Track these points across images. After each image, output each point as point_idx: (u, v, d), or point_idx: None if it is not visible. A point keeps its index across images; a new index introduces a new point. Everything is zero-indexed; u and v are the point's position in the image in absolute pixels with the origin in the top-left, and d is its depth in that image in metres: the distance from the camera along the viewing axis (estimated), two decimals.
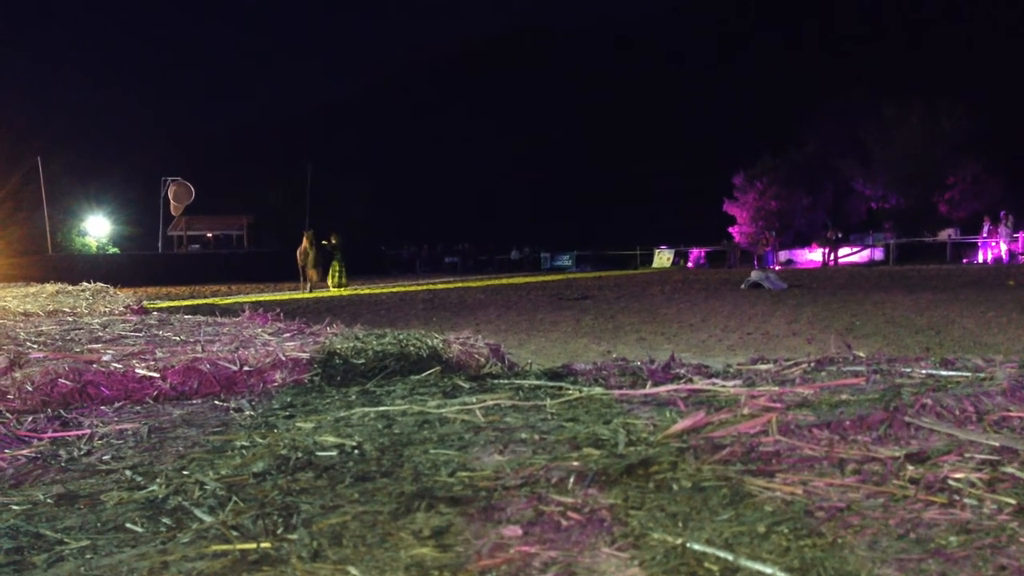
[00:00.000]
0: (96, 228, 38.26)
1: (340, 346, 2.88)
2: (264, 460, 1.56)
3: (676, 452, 1.46)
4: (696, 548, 1.03)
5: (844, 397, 1.81)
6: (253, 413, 2.12)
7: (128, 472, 1.55)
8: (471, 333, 3.28)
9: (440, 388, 2.33)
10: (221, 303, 12.68)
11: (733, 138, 47.34)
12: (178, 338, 3.38)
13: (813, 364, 2.27)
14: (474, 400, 2.05)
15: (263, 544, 1.11)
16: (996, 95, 36.86)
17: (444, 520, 1.17)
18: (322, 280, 18.23)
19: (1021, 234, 28.17)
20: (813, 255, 33.35)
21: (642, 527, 1.11)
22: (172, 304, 13.19)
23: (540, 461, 1.45)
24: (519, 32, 76.76)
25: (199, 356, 2.68)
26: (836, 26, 61.39)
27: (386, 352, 2.83)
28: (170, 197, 34.25)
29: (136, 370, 2.52)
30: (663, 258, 37.47)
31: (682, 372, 2.32)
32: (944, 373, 2.02)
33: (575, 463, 1.42)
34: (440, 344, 2.99)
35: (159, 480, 1.47)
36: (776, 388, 1.94)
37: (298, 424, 1.91)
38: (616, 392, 2.07)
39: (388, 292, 16.36)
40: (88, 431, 1.92)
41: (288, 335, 3.41)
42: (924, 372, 2.05)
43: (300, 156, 40.61)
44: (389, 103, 70.61)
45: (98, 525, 1.25)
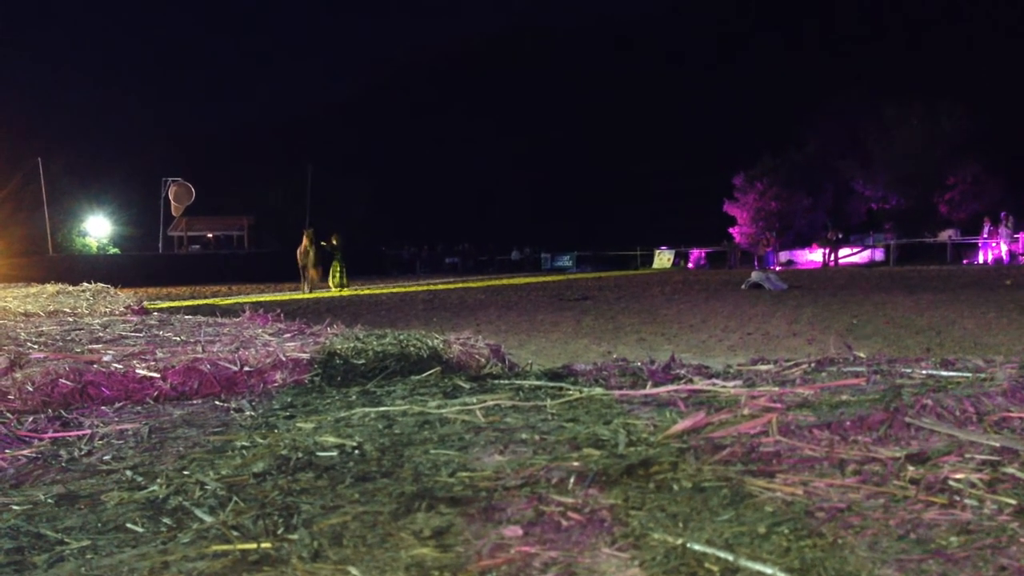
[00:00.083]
0: (97, 229, 38.27)
1: (340, 346, 2.88)
2: (264, 460, 1.56)
3: (676, 452, 1.46)
4: (696, 548, 1.03)
5: (844, 398, 1.81)
6: (253, 413, 2.12)
7: (129, 472, 1.55)
8: (471, 334, 3.28)
9: (440, 388, 2.33)
10: (221, 303, 12.68)
11: (733, 138, 47.35)
12: (178, 338, 3.38)
13: (813, 365, 2.27)
14: (474, 400, 2.05)
15: (263, 544, 1.11)
16: (996, 95, 36.84)
17: (444, 520, 1.17)
18: (323, 280, 18.22)
19: (1021, 235, 28.18)
20: (813, 256, 33.36)
21: (642, 527, 1.11)
22: (172, 304, 13.19)
23: (540, 461, 1.45)
24: (519, 32, 76.69)
25: (200, 356, 2.68)
26: (836, 26, 61.38)
27: (386, 352, 2.83)
28: (170, 198, 34.32)
29: (137, 370, 2.52)
30: (663, 259, 37.48)
31: (682, 373, 2.32)
32: (944, 374, 2.02)
33: (575, 463, 1.42)
34: (440, 344, 2.99)
35: (160, 480, 1.47)
36: (776, 389, 1.94)
37: (298, 424, 1.91)
38: (616, 392, 2.07)
39: (388, 293, 16.36)
40: (89, 431, 1.92)
41: (288, 335, 3.41)
42: (924, 373, 2.05)
43: (300, 156, 40.68)
44: (389, 103, 70.59)
45: (99, 525, 1.25)
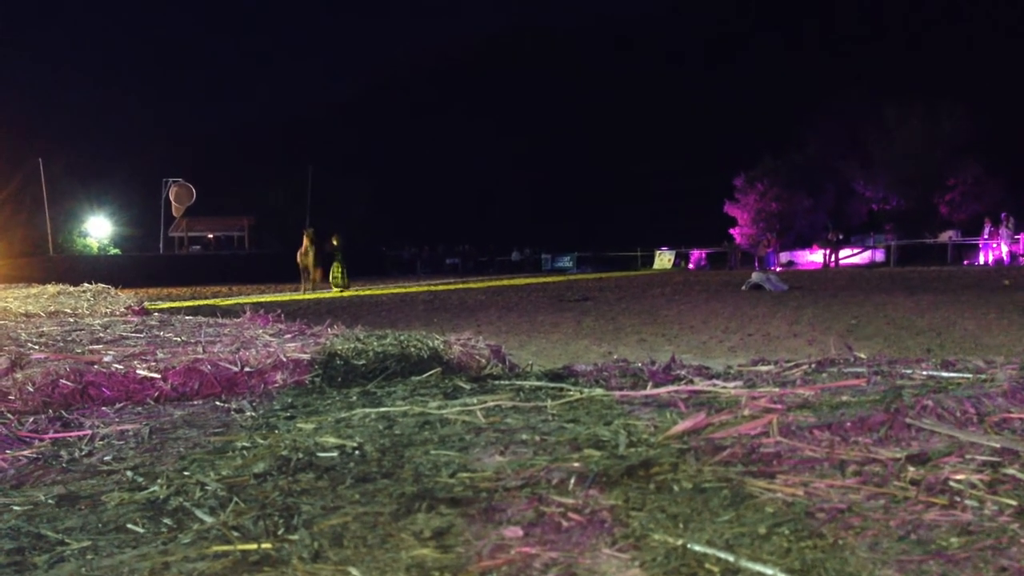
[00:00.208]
0: (97, 229, 38.29)
1: (341, 347, 2.88)
2: (265, 461, 1.56)
3: (677, 453, 1.46)
4: (697, 549, 1.03)
5: (845, 398, 1.81)
6: (254, 414, 2.12)
7: (129, 473, 1.55)
8: (472, 334, 3.28)
9: (441, 389, 2.33)
10: (222, 304, 12.68)
11: (733, 139, 47.35)
12: (179, 339, 3.38)
13: (814, 365, 2.27)
14: (475, 401, 2.05)
15: (264, 545, 1.11)
16: (997, 96, 36.87)
17: (445, 521, 1.17)
18: (323, 280, 18.21)
19: (1022, 236, 28.15)
20: (814, 256, 33.35)
21: (643, 528, 1.11)
22: (173, 305, 13.19)
23: (541, 462, 1.45)
24: (519, 32, 76.78)
25: (200, 357, 2.68)
26: (836, 26, 61.46)
27: (387, 353, 2.83)
28: (171, 198, 34.35)
29: (137, 371, 2.52)
30: (664, 259, 37.47)
31: (683, 373, 2.32)
32: (945, 375, 2.02)
33: (576, 464, 1.42)
34: (441, 345, 2.99)
35: (160, 481, 1.47)
36: (777, 389, 1.94)
37: (299, 425, 1.91)
38: (617, 393, 2.07)
39: (389, 293, 16.36)
40: (89, 432, 1.92)
41: (289, 336, 3.41)
42: (925, 374, 2.05)
43: (300, 156, 40.75)
44: (389, 103, 70.65)
45: (99, 526, 1.25)
